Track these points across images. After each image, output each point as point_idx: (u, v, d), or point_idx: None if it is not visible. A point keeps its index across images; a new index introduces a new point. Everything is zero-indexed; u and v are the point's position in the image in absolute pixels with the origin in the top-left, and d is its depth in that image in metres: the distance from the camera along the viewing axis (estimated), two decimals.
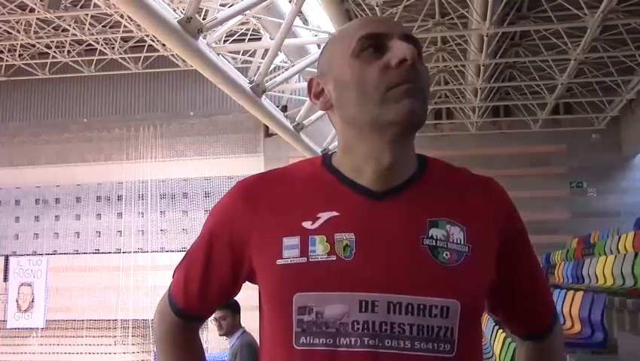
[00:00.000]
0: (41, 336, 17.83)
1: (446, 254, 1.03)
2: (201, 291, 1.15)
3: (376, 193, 1.06)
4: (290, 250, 1.03)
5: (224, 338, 5.08)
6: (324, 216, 1.05)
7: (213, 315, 4.91)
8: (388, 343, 0.99)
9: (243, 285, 1.17)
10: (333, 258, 1.01)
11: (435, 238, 1.03)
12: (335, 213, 1.05)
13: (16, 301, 18.07)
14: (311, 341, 1.01)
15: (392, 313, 0.99)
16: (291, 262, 1.03)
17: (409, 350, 0.99)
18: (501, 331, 6.86)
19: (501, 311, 1.22)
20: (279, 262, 1.03)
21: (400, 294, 1.00)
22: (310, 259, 1.02)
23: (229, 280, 1.13)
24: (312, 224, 1.04)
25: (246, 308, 4.56)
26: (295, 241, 1.03)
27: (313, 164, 1.14)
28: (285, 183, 1.11)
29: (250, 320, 4.30)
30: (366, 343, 0.99)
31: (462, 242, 1.04)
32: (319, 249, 1.02)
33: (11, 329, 17.95)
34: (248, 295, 1.73)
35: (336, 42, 1.11)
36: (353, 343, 0.99)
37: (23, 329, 17.95)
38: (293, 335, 1.02)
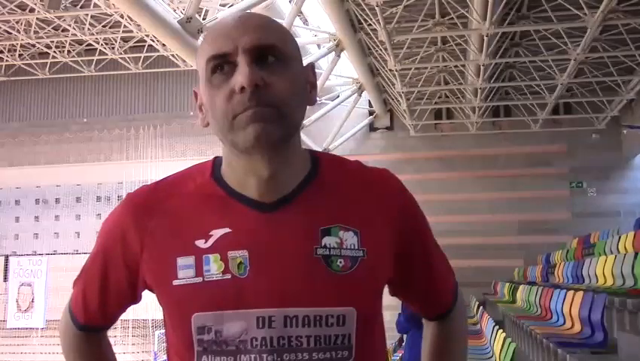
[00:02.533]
0: (41, 336, 17.83)
1: (340, 262, 1.02)
2: (100, 306, 1.15)
3: (266, 205, 1.05)
4: (185, 270, 1.02)
5: None
6: (216, 233, 1.03)
7: None
8: (286, 357, 0.99)
9: None
10: (228, 276, 1.01)
11: (328, 246, 1.02)
12: (227, 230, 1.03)
13: (16, 301, 18.08)
14: (212, 360, 1.01)
15: (289, 327, 0.99)
16: (186, 283, 1.02)
17: None
18: (501, 331, 6.87)
19: (400, 295, 1.22)
20: (175, 282, 1.02)
21: (296, 307, 1.00)
22: (205, 279, 1.01)
23: (128, 293, 1.13)
24: (205, 242, 1.03)
25: None
26: (190, 260, 1.02)
27: (203, 174, 1.10)
28: (176, 197, 1.08)
29: None
30: (265, 359, 0.99)
31: (356, 247, 1.04)
32: (214, 268, 1.01)
33: (11, 329, 17.96)
34: None
35: (198, 59, 1.07)
36: (253, 359, 0.99)
37: (23, 329, 17.96)
38: (195, 354, 1.02)
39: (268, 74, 1.00)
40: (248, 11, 9.50)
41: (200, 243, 1.03)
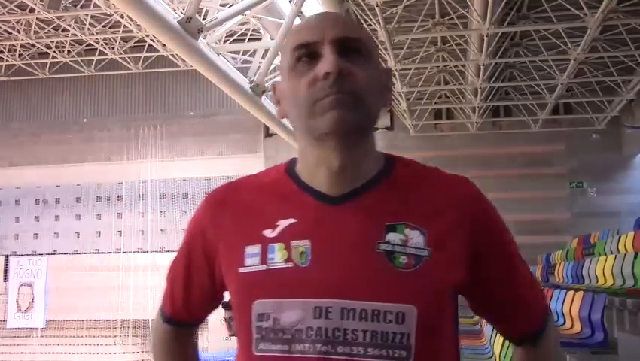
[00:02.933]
0: (41, 336, 17.82)
1: (403, 259, 1.02)
2: (185, 300, 1.20)
3: (334, 198, 1.07)
4: (251, 259, 1.06)
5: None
6: (282, 223, 1.07)
7: (223, 315, 4.90)
8: (340, 349, 0.99)
9: None
10: (291, 265, 1.03)
11: (392, 242, 1.03)
12: (293, 220, 1.06)
13: (16, 301, 18.07)
14: (268, 347, 1.02)
15: (346, 320, 0.99)
16: (251, 270, 1.05)
17: (362, 357, 0.99)
18: None
19: (483, 313, 1.20)
20: (241, 270, 1.06)
21: (353, 300, 1.00)
22: (269, 267, 1.04)
23: (210, 289, 1.17)
24: (271, 232, 1.07)
25: None
26: (256, 249, 1.06)
27: (278, 170, 1.16)
28: (250, 192, 1.14)
29: None
30: (318, 349, 0.99)
31: (422, 246, 1.04)
32: (277, 256, 1.04)
33: (11, 329, 17.95)
34: None
35: (283, 51, 1.12)
36: (307, 349, 1.00)
37: (23, 329, 17.95)
38: (253, 341, 1.04)
39: (351, 65, 1.03)
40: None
41: (267, 232, 1.07)
